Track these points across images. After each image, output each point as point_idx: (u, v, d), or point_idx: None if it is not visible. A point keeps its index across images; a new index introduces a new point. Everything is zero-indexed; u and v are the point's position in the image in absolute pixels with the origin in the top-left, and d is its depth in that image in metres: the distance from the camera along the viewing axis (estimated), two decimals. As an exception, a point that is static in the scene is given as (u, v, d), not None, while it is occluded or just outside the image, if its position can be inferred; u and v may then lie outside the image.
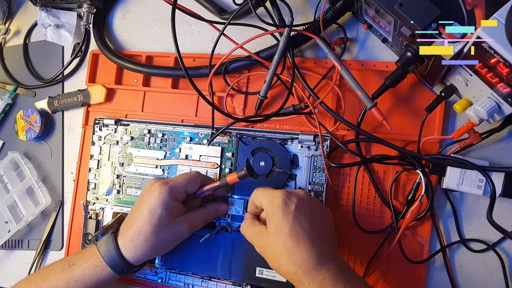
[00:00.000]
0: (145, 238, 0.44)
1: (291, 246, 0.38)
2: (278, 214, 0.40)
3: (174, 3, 0.43)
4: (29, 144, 0.66)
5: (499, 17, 0.33)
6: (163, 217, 0.45)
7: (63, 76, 0.65)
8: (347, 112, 0.51)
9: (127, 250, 0.45)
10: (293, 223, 0.39)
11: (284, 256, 0.38)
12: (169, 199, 0.45)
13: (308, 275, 0.37)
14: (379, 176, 0.49)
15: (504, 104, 0.38)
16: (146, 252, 0.45)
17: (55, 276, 0.46)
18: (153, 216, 0.44)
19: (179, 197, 0.47)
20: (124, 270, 0.45)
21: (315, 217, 0.41)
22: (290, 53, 0.49)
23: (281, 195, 0.41)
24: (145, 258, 0.46)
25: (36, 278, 0.47)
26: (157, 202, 0.45)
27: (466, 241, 0.46)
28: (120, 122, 0.58)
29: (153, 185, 0.47)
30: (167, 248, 0.48)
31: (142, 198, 0.47)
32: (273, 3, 0.51)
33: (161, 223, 0.45)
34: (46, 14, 0.63)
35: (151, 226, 0.44)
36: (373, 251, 0.48)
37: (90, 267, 0.45)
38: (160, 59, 0.60)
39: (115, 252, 0.45)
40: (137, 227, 0.45)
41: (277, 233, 0.39)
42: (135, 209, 0.47)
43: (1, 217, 0.63)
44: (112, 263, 0.45)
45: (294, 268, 0.38)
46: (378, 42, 0.51)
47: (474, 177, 0.44)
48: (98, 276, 0.45)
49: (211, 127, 0.54)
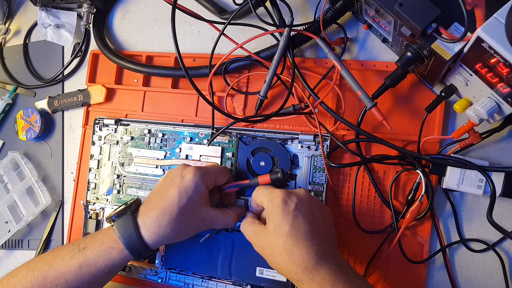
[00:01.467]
0: (170, 220, 0.42)
1: (290, 245, 0.38)
2: (278, 213, 0.40)
3: (174, 3, 0.43)
4: (29, 144, 0.66)
5: (499, 17, 0.33)
6: (193, 200, 0.43)
7: (63, 76, 0.65)
8: (347, 112, 0.51)
9: (148, 231, 0.43)
10: (293, 223, 0.39)
11: (284, 255, 0.38)
12: (202, 184, 0.44)
13: (307, 274, 0.37)
14: (379, 176, 0.49)
15: (504, 104, 0.38)
16: (168, 235, 0.43)
17: (63, 262, 0.43)
18: (183, 198, 0.43)
19: (209, 185, 0.45)
20: (142, 253, 0.43)
21: (314, 216, 0.41)
22: (290, 53, 0.49)
23: (281, 194, 0.41)
24: (164, 242, 0.44)
25: (39, 265, 0.43)
26: (190, 185, 0.43)
27: (466, 241, 0.46)
28: (120, 122, 0.58)
29: (185, 168, 0.45)
30: (186, 235, 0.45)
31: (170, 180, 0.45)
32: (273, 3, 0.51)
33: (189, 207, 0.43)
34: (46, 14, 0.63)
35: (179, 208, 0.42)
36: (373, 251, 0.48)
37: (105, 250, 0.43)
38: (160, 59, 0.60)
39: (134, 233, 0.42)
40: (163, 207, 0.43)
41: (277, 232, 0.39)
42: (161, 190, 0.45)
43: (1, 217, 0.64)
44: (130, 244, 0.42)
45: (294, 268, 0.38)
46: (378, 42, 0.51)
47: (474, 177, 0.44)
48: (113, 260, 0.43)
49: (211, 127, 0.54)
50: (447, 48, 0.38)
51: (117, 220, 0.44)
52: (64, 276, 0.42)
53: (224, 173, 0.48)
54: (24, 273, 0.44)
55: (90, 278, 0.43)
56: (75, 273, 0.42)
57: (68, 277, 0.42)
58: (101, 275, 0.43)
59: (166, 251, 0.53)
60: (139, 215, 0.44)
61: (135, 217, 0.44)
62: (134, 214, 0.44)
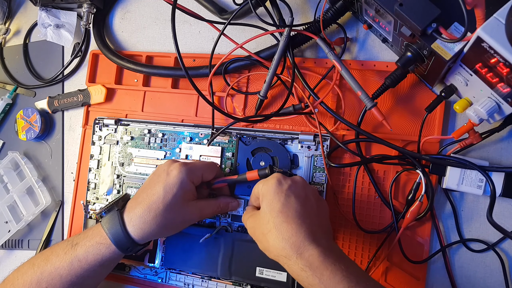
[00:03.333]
0: (155, 216, 0.43)
1: (280, 221, 0.38)
2: (271, 192, 0.40)
3: (174, 3, 0.43)
4: (29, 144, 0.66)
5: (499, 17, 0.33)
6: (178, 197, 0.44)
7: (63, 76, 0.65)
8: (347, 112, 0.51)
9: (134, 226, 0.44)
10: (285, 201, 0.39)
11: (273, 231, 0.38)
12: (187, 180, 0.45)
13: (296, 250, 0.37)
14: (379, 176, 0.49)
15: (504, 104, 0.38)
16: (153, 230, 0.44)
17: (57, 258, 0.45)
18: (168, 194, 0.44)
19: (195, 181, 0.46)
20: (129, 248, 0.45)
21: (308, 200, 0.41)
22: (290, 53, 0.49)
23: (276, 175, 0.42)
24: (151, 237, 0.45)
25: (39, 260, 0.46)
26: (174, 181, 0.44)
27: (466, 241, 0.46)
28: (120, 122, 0.58)
29: (171, 164, 0.46)
30: (173, 230, 0.47)
31: (157, 176, 0.46)
32: (273, 3, 0.51)
33: (174, 203, 0.44)
34: (46, 14, 0.63)
35: (164, 204, 0.44)
36: (373, 251, 0.48)
37: (94, 246, 0.44)
38: (160, 59, 0.60)
39: (121, 228, 0.44)
40: (148, 203, 0.44)
41: (268, 210, 0.39)
42: (147, 186, 0.46)
43: (1, 217, 0.63)
44: (117, 240, 0.44)
45: (282, 243, 0.37)
46: (378, 42, 0.51)
47: (474, 177, 0.44)
48: (102, 255, 0.44)
49: (211, 127, 0.54)
50: (447, 48, 0.38)
51: (105, 216, 0.46)
52: (58, 271, 0.44)
53: (211, 168, 0.48)
54: (26, 268, 0.46)
55: (83, 273, 0.44)
56: (68, 268, 0.44)
57: (62, 272, 0.44)
58: (92, 270, 0.44)
59: (166, 251, 0.53)
60: (126, 211, 0.45)
61: (121, 213, 0.45)
62: (121, 210, 0.46)
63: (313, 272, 0.36)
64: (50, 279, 0.44)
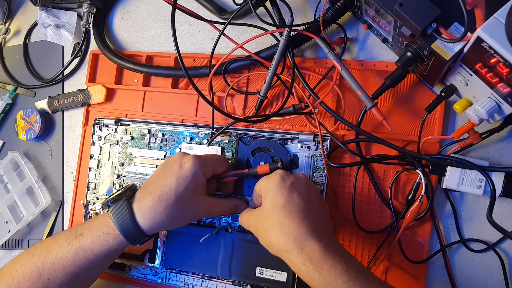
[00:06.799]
0: (166, 207, 0.43)
1: (283, 217, 0.38)
2: (274, 188, 0.40)
3: (174, 3, 0.43)
4: (29, 144, 0.66)
5: (499, 17, 0.33)
6: (190, 189, 0.44)
7: (63, 76, 0.65)
8: (347, 112, 0.51)
9: (144, 217, 0.43)
10: (288, 197, 0.39)
11: (276, 226, 0.38)
12: (200, 173, 0.44)
13: (298, 244, 0.37)
14: (379, 176, 0.49)
15: (504, 104, 0.38)
16: (163, 221, 0.43)
17: (60, 248, 0.43)
18: (180, 186, 0.43)
19: (207, 174, 0.46)
20: (137, 239, 0.44)
21: (310, 197, 0.41)
22: (290, 53, 0.49)
23: (279, 172, 0.42)
24: (159, 228, 0.44)
25: (39, 251, 0.44)
26: (188, 173, 0.44)
27: (466, 241, 0.46)
28: (120, 122, 0.58)
29: (184, 156, 0.45)
30: (181, 223, 0.46)
31: (169, 167, 0.45)
32: (273, 3, 0.51)
33: (186, 195, 0.43)
34: (46, 14, 0.63)
35: (176, 195, 0.43)
36: (373, 251, 0.48)
37: (101, 236, 0.43)
38: (160, 59, 0.60)
39: (130, 218, 0.43)
40: (160, 194, 0.43)
41: (271, 206, 0.39)
42: (158, 177, 0.45)
43: (1, 217, 0.64)
44: (125, 230, 0.43)
45: (284, 238, 0.38)
46: (378, 42, 0.51)
47: (474, 177, 0.44)
48: (109, 245, 0.43)
49: (211, 127, 0.54)
50: (447, 48, 0.38)
51: (112, 206, 0.45)
52: (61, 262, 0.43)
53: (222, 162, 0.48)
54: (25, 259, 0.44)
55: (87, 264, 0.43)
56: (72, 259, 0.43)
57: (65, 263, 0.43)
58: (97, 260, 0.44)
59: (166, 251, 0.53)
60: (135, 201, 0.44)
61: (130, 203, 0.44)
62: (129, 200, 0.45)
63: (313, 266, 0.36)
64: (52, 270, 0.43)
